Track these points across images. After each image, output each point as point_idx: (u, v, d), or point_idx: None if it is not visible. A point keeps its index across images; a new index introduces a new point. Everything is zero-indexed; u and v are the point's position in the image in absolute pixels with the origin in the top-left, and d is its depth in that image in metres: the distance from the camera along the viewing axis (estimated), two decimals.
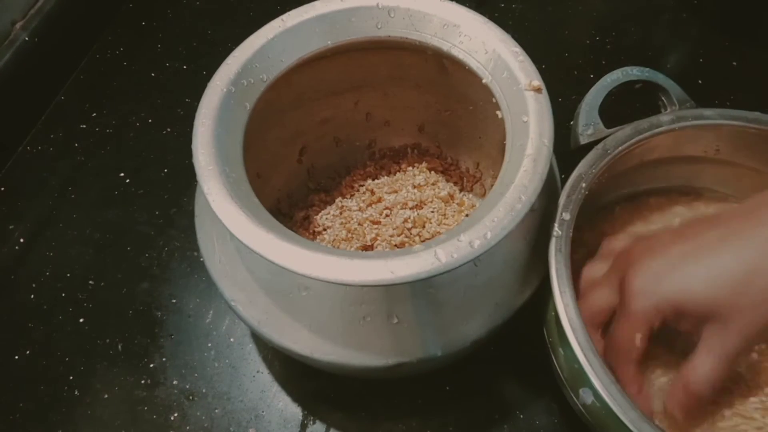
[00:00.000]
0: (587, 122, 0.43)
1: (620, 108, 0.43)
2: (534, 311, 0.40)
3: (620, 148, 0.41)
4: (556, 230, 0.38)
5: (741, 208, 0.36)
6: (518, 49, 0.39)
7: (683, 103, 0.44)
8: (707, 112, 0.43)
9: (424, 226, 0.47)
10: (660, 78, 0.44)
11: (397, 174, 0.52)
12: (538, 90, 0.37)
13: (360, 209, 0.48)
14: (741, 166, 0.45)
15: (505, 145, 0.38)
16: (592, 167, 0.40)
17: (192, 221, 0.42)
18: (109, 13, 0.70)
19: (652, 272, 0.35)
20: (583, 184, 0.40)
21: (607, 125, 0.43)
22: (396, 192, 0.49)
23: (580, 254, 0.44)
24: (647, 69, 0.44)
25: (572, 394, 0.37)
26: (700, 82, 0.61)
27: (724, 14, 0.68)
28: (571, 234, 0.38)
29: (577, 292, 0.38)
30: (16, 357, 0.49)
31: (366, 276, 0.31)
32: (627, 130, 0.42)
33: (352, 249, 0.46)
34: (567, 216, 0.39)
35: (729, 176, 0.46)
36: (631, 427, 0.33)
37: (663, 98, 0.45)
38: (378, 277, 0.31)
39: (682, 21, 0.67)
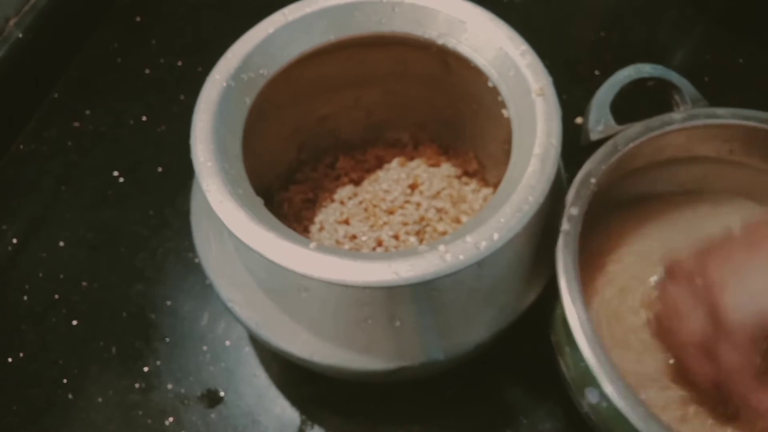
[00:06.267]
0: (598, 118, 0.42)
1: (631, 105, 0.43)
2: (537, 314, 0.40)
3: (630, 145, 0.41)
4: (564, 225, 0.37)
5: None
6: (526, 46, 0.38)
7: (696, 102, 0.43)
8: (720, 111, 0.42)
9: (425, 226, 0.46)
10: (673, 76, 0.44)
11: (398, 172, 0.51)
12: (543, 92, 0.36)
13: (360, 208, 0.48)
14: (754, 167, 0.45)
15: (510, 144, 0.37)
16: (602, 163, 0.40)
17: (187, 221, 0.41)
18: (103, 9, 0.69)
19: (744, 289, 0.33)
20: (593, 180, 0.39)
21: (618, 122, 0.42)
22: (397, 191, 0.48)
23: (587, 256, 0.43)
24: (660, 66, 0.44)
25: (578, 395, 0.37)
26: (706, 79, 0.60)
27: (730, 11, 0.67)
28: (579, 230, 0.38)
29: (586, 293, 0.37)
30: (9, 359, 0.48)
31: (369, 277, 0.31)
32: (638, 127, 0.41)
33: (353, 248, 0.45)
34: (575, 211, 0.38)
35: (742, 178, 0.46)
36: (637, 426, 0.32)
37: (675, 96, 0.44)
38: (381, 278, 0.31)
39: (688, 17, 0.67)
